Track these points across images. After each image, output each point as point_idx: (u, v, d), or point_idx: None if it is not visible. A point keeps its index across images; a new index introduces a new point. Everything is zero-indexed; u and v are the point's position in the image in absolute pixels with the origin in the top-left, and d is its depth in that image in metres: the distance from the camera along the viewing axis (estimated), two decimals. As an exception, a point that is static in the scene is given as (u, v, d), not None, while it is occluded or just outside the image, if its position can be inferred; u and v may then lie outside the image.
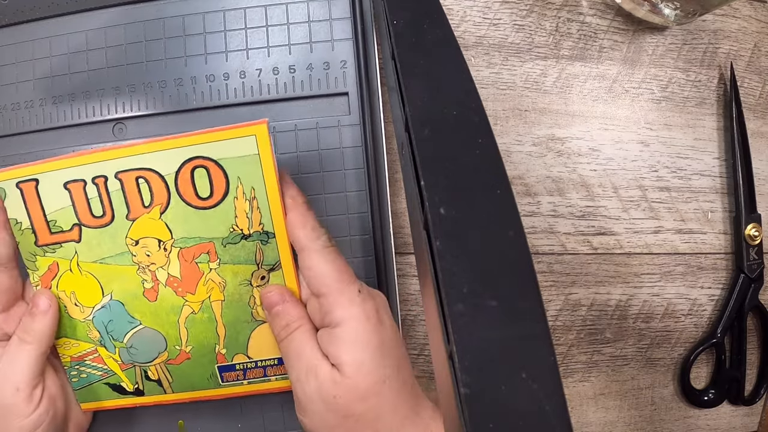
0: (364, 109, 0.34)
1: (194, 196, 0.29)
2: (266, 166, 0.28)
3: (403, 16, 0.22)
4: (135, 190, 0.29)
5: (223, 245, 0.30)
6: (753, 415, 0.44)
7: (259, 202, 0.29)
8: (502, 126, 0.40)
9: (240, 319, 0.32)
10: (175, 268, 0.30)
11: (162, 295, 0.31)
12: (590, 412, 0.42)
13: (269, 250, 0.30)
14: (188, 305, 0.31)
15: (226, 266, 0.30)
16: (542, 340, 0.15)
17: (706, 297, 0.43)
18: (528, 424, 0.14)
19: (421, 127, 0.19)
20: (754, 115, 0.43)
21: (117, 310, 0.31)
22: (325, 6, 0.35)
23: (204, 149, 0.28)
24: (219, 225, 0.29)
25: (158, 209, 0.29)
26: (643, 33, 0.42)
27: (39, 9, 0.35)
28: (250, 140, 0.28)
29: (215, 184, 0.29)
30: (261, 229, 0.30)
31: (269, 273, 0.31)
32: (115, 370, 0.33)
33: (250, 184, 0.29)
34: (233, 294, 0.31)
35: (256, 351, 0.32)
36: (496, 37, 0.40)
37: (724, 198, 0.43)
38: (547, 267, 0.41)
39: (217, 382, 0.33)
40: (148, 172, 0.29)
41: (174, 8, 0.35)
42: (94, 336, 0.32)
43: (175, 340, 0.32)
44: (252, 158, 0.28)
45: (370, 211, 0.35)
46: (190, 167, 0.28)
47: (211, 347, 0.32)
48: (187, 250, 0.30)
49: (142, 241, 0.30)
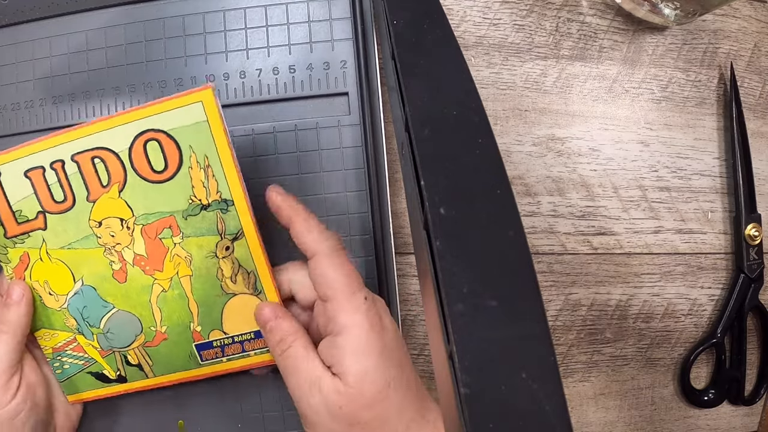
0: (364, 109, 0.34)
1: (150, 171, 0.29)
2: (216, 132, 0.28)
3: (403, 16, 0.22)
4: (92, 170, 0.29)
5: (184, 218, 0.30)
6: (753, 415, 0.44)
7: (214, 170, 0.29)
8: (502, 126, 0.40)
9: (211, 293, 0.31)
10: (140, 246, 0.30)
11: (131, 275, 0.31)
12: (590, 412, 0.42)
13: (230, 219, 0.30)
14: (158, 283, 0.31)
15: (190, 239, 0.30)
16: (542, 340, 0.15)
17: (706, 297, 0.43)
18: (528, 424, 0.14)
19: (421, 127, 0.19)
20: (754, 115, 0.43)
21: (90, 295, 0.31)
22: (325, 6, 0.35)
23: (153, 121, 0.28)
24: (177, 197, 0.29)
25: (116, 188, 0.29)
26: (643, 33, 0.42)
27: (39, 9, 0.35)
28: (197, 107, 0.28)
29: (168, 156, 0.29)
30: (219, 198, 0.29)
31: (233, 243, 0.30)
32: (95, 357, 0.33)
33: (203, 152, 0.28)
34: (200, 268, 0.31)
35: (231, 326, 0.32)
36: (496, 37, 0.40)
37: (724, 198, 0.43)
38: (547, 267, 0.41)
39: (197, 361, 0.33)
40: (103, 151, 0.29)
41: (174, 8, 0.35)
42: (71, 324, 0.32)
43: (150, 321, 0.32)
44: (201, 125, 0.28)
45: (370, 211, 0.35)
46: (142, 141, 0.28)
47: (186, 325, 0.32)
48: (149, 226, 0.30)
49: (105, 221, 0.30)
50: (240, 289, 0.31)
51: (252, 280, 0.31)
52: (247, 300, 0.32)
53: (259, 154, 0.35)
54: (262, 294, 0.31)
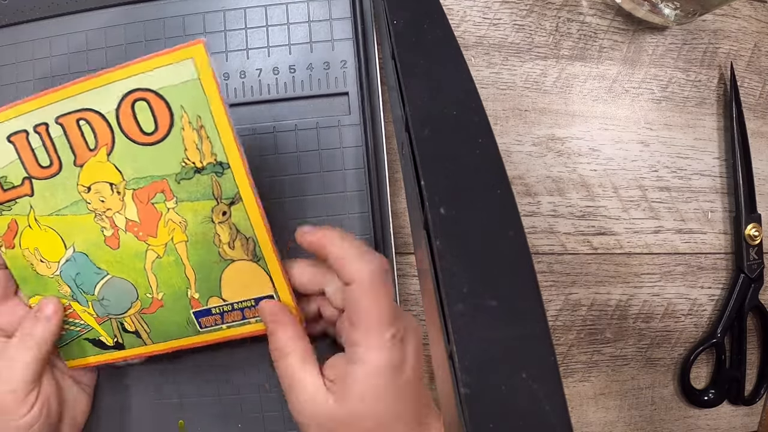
0: (364, 109, 0.34)
1: (139, 132, 0.27)
2: (209, 90, 0.26)
3: (403, 16, 0.22)
4: (78, 133, 0.27)
5: (177, 182, 0.28)
6: (753, 415, 0.44)
7: (208, 131, 0.27)
8: (502, 126, 0.40)
9: (208, 259, 0.30)
10: (132, 211, 0.29)
11: (123, 241, 0.30)
12: (590, 412, 0.42)
13: (226, 182, 0.28)
14: (152, 250, 0.30)
15: (184, 204, 0.29)
16: (542, 340, 0.15)
17: (706, 297, 0.43)
18: (528, 424, 0.14)
19: (421, 127, 0.19)
20: (754, 115, 0.43)
21: (82, 261, 0.30)
22: (325, 6, 0.35)
23: (141, 80, 0.26)
24: (170, 160, 0.28)
25: (104, 151, 0.28)
26: (643, 33, 0.42)
27: (39, 9, 0.35)
28: (188, 64, 0.26)
29: (159, 117, 0.27)
30: (214, 160, 0.28)
31: (230, 207, 0.29)
32: (92, 324, 0.32)
33: (195, 112, 0.27)
34: (196, 233, 0.30)
35: (230, 293, 0.31)
36: (496, 37, 0.40)
37: (724, 198, 0.43)
38: (547, 267, 0.41)
39: (196, 328, 0.32)
40: (88, 113, 0.27)
41: (174, 8, 0.35)
42: (65, 291, 0.31)
43: (145, 288, 0.31)
44: (193, 83, 0.26)
45: (370, 211, 0.35)
46: (129, 102, 0.27)
47: (183, 292, 0.31)
48: (140, 190, 0.29)
49: (94, 186, 0.29)
50: (239, 255, 0.30)
51: (251, 246, 0.30)
52: (246, 266, 0.31)
53: (259, 154, 0.35)
54: (262, 261, 0.30)
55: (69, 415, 0.33)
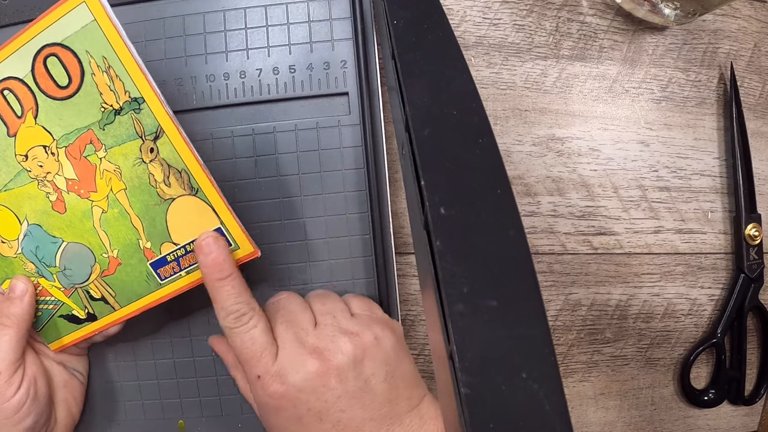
0: (364, 109, 0.34)
1: (56, 88, 0.28)
2: (107, 29, 0.27)
3: (403, 16, 0.22)
4: (4, 103, 0.29)
5: (102, 128, 0.29)
6: (753, 415, 0.44)
7: (116, 70, 0.28)
8: (502, 126, 0.40)
9: (149, 203, 0.31)
10: (68, 170, 0.30)
11: (69, 203, 0.31)
12: (590, 412, 0.42)
13: (145, 118, 0.29)
14: (96, 205, 0.31)
15: (113, 150, 0.30)
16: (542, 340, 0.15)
17: (706, 297, 0.43)
18: (528, 424, 0.14)
19: (421, 127, 0.19)
20: (754, 115, 0.43)
21: (37, 233, 0.31)
22: (325, 6, 0.35)
23: (45, 37, 0.28)
24: (90, 109, 0.29)
25: (31, 115, 0.29)
26: (643, 33, 0.42)
27: (39, 9, 0.35)
28: (82, 9, 0.27)
29: (70, 68, 0.28)
30: (129, 98, 0.29)
31: (155, 143, 0.30)
32: (61, 298, 0.33)
33: (100, 54, 0.28)
34: (132, 178, 0.30)
35: (179, 235, 0.31)
36: (496, 37, 0.40)
37: (724, 198, 0.43)
38: (547, 267, 0.41)
39: (157, 282, 0.32)
40: (9, 81, 0.28)
41: (174, 8, 0.35)
42: (31, 269, 0.32)
43: (100, 247, 0.32)
44: (91, 26, 0.27)
45: (370, 211, 0.35)
46: (41, 60, 0.28)
47: (135, 244, 0.32)
48: (71, 146, 0.30)
49: (30, 153, 0.30)
50: (176, 191, 0.31)
51: (185, 178, 0.30)
52: (187, 202, 0.31)
53: (259, 154, 0.35)
54: (200, 192, 0.30)
55: (62, 399, 0.33)
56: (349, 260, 0.35)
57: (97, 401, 0.36)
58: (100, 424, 0.36)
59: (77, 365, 0.35)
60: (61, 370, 0.34)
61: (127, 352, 0.36)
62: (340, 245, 0.35)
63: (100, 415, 0.36)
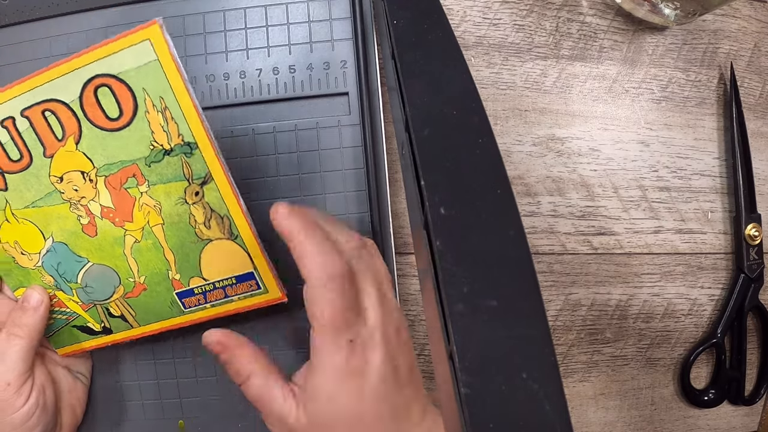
0: (364, 109, 0.34)
1: (104, 119, 0.27)
2: (169, 71, 0.26)
3: (403, 16, 0.22)
4: (44, 124, 0.27)
5: (148, 165, 0.28)
6: (753, 415, 0.44)
7: (173, 112, 0.27)
8: (502, 126, 0.40)
9: (185, 240, 0.30)
10: (105, 198, 0.29)
11: (101, 228, 0.30)
12: (590, 412, 0.42)
13: (196, 162, 0.28)
14: (129, 234, 0.30)
15: (157, 187, 0.29)
16: (542, 340, 0.15)
17: (706, 297, 0.43)
18: (528, 424, 0.14)
19: (421, 127, 0.19)
20: (754, 115, 0.43)
21: (62, 251, 0.30)
22: (325, 6, 0.35)
23: (100, 66, 0.26)
24: (138, 144, 0.28)
25: (72, 140, 0.28)
26: (643, 33, 0.42)
27: (39, 9, 0.35)
28: (145, 46, 0.26)
29: (122, 102, 0.27)
30: (182, 141, 0.28)
31: (202, 187, 0.29)
32: (78, 311, 0.32)
33: (158, 94, 0.27)
34: (171, 215, 0.30)
35: (210, 272, 0.31)
36: (496, 37, 0.40)
37: (724, 198, 0.43)
38: (547, 267, 0.41)
39: (180, 309, 0.32)
40: (53, 103, 0.27)
41: (174, 8, 0.35)
42: (49, 281, 0.31)
43: (127, 272, 0.31)
44: (152, 65, 0.26)
45: (370, 211, 0.35)
46: (92, 89, 0.27)
47: (164, 274, 0.31)
48: (112, 176, 0.29)
49: (66, 176, 0.29)
50: (215, 234, 0.30)
51: (227, 224, 0.30)
52: (224, 245, 0.31)
53: (259, 154, 0.35)
54: (239, 238, 0.30)
55: (67, 404, 0.33)
56: (349, 260, 0.35)
57: (98, 401, 0.36)
58: (101, 424, 0.36)
59: (81, 368, 0.35)
60: (66, 375, 0.34)
61: (127, 352, 0.36)
62: (340, 245, 0.35)
63: (100, 416, 0.36)
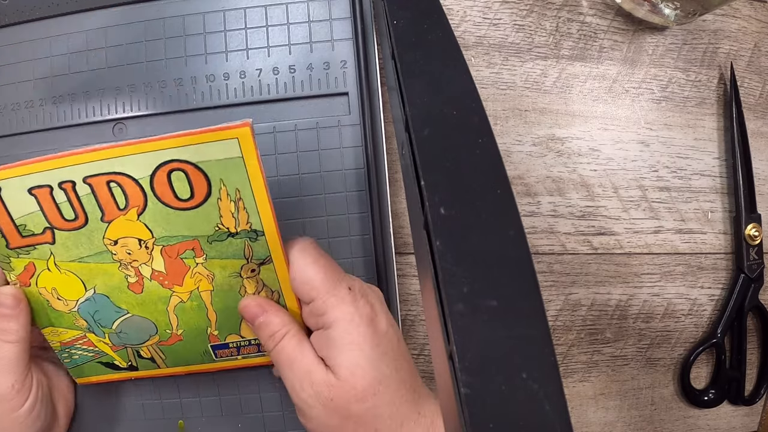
0: (364, 109, 0.34)
1: (173, 198, 0.27)
2: (251, 168, 0.26)
3: (403, 16, 0.22)
4: (107, 194, 0.27)
5: (209, 242, 0.28)
6: (753, 415, 0.44)
7: (246, 203, 0.27)
8: (502, 126, 0.40)
9: (231, 305, 0.31)
10: (159, 263, 0.29)
11: (148, 287, 0.30)
12: (590, 412, 0.42)
13: (259, 247, 0.29)
14: (176, 295, 0.30)
15: (214, 261, 0.29)
16: (542, 340, 0.15)
17: (706, 297, 0.43)
18: (528, 424, 0.14)
19: (421, 127, 0.19)
20: (754, 115, 0.43)
21: (102, 302, 0.30)
22: (325, 6, 0.35)
23: (180, 152, 0.26)
24: (203, 224, 0.28)
25: (135, 211, 0.27)
26: (643, 33, 0.42)
27: (39, 9, 0.35)
28: (233, 143, 0.25)
29: (196, 187, 0.27)
30: (249, 228, 0.28)
31: (260, 266, 0.29)
32: (106, 351, 0.32)
33: (234, 186, 0.27)
34: (222, 284, 0.30)
35: (249, 331, 0.32)
36: (496, 37, 0.40)
37: (724, 198, 0.43)
38: (547, 267, 0.41)
39: (211, 358, 0.33)
40: (120, 176, 0.26)
41: (174, 8, 0.35)
42: (81, 324, 0.31)
43: (166, 325, 0.31)
44: (235, 161, 0.26)
45: (370, 211, 0.35)
46: (166, 170, 0.26)
47: (203, 330, 0.32)
48: (170, 247, 0.28)
49: (122, 240, 0.28)
50: None
51: (275, 297, 0.31)
52: None
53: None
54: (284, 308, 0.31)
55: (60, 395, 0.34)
56: (349, 260, 0.35)
57: (98, 402, 0.36)
58: (101, 424, 0.36)
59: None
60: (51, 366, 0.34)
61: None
62: (340, 245, 0.35)
63: (100, 416, 0.36)
